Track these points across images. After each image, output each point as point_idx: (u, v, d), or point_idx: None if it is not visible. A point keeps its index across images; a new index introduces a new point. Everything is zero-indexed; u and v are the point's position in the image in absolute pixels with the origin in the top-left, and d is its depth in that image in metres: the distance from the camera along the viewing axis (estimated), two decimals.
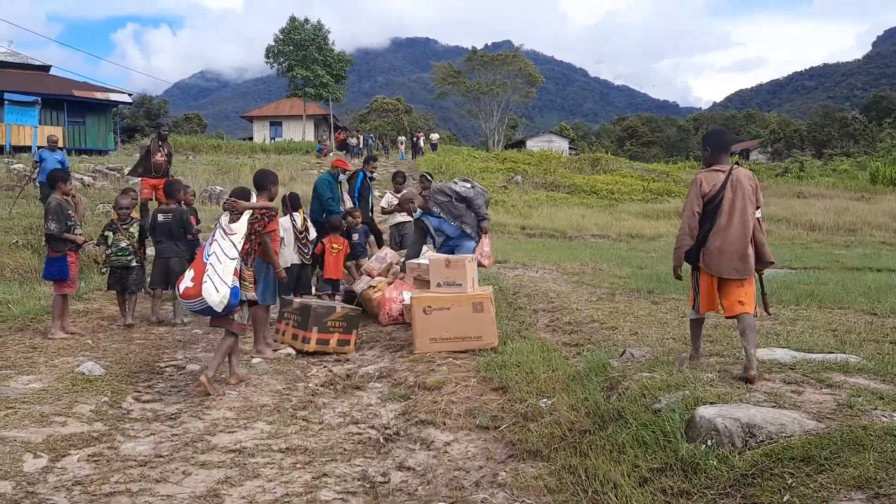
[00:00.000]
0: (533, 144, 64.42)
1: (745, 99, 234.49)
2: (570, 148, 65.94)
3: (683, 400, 4.22)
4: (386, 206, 10.24)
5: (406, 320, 7.63)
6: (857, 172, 41.92)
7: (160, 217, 8.03)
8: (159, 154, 10.88)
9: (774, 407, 4.05)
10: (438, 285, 6.50)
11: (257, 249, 5.70)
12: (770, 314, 5.83)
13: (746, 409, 3.98)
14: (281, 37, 51.28)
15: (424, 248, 8.30)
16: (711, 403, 4.09)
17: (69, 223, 7.21)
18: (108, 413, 4.95)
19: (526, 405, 4.97)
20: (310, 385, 5.88)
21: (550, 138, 70.44)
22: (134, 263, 7.85)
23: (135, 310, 7.90)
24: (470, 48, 76.91)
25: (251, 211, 5.59)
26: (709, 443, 3.76)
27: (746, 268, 4.83)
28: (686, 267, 5.10)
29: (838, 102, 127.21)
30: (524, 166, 36.50)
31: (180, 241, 8.04)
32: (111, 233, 7.86)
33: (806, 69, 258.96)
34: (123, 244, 7.84)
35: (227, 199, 5.71)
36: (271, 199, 6.01)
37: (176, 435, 4.61)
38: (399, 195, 10.23)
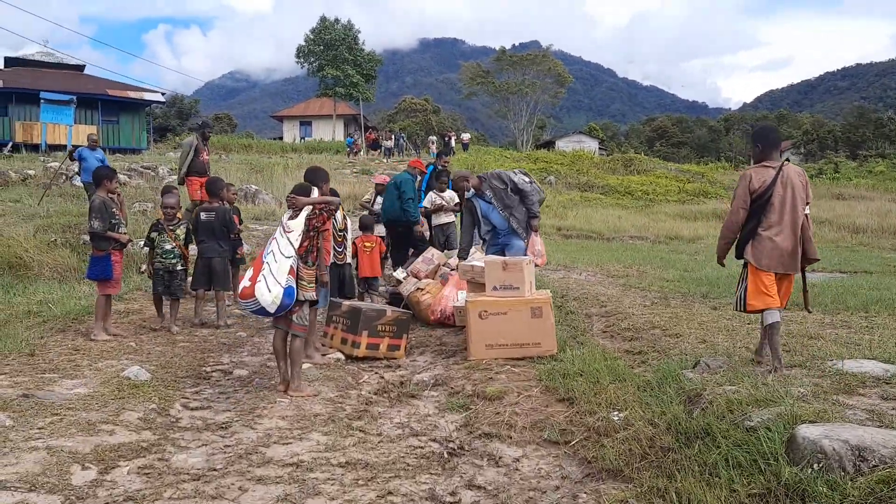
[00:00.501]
0: (562, 145, 63.77)
1: (776, 99, 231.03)
2: (599, 148, 65.21)
3: (779, 417, 3.86)
4: (429, 206, 9.96)
5: (457, 322, 7.34)
6: (894, 174, 40.83)
7: (203, 216, 7.83)
8: (205, 153, 10.69)
9: (881, 427, 3.68)
10: (494, 288, 6.20)
11: (316, 247, 5.42)
12: (810, 311, 5.89)
13: (853, 429, 3.61)
14: (311, 37, 51.30)
15: (473, 248, 8.01)
16: (812, 422, 3.74)
17: (113, 221, 7.04)
18: (156, 421, 4.71)
19: (596, 418, 4.65)
20: (363, 393, 5.61)
21: (580, 139, 69.72)
22: (179, 267, 7.58)
23: (177, 314, 7.65)
24: (497, 49, 76.43)
25: (311, 207, 5.33)
26: (815, 467, 3.40)
27: (794, 264, 4.92)
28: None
29: (871, 103, 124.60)
30: (557, 166, 36.08)
31: (223, 241, 7.85)
32: (156, 234, 7.61)
33: (838, 69, 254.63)
34: (168, 246, 7.56)
35: (288, 196, 5.48)
36: None
37: (229, 446, 4.35)
38: (445, 195, 10.00)
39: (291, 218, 5.30)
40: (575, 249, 16.75)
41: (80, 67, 37.95)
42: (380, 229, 9.70)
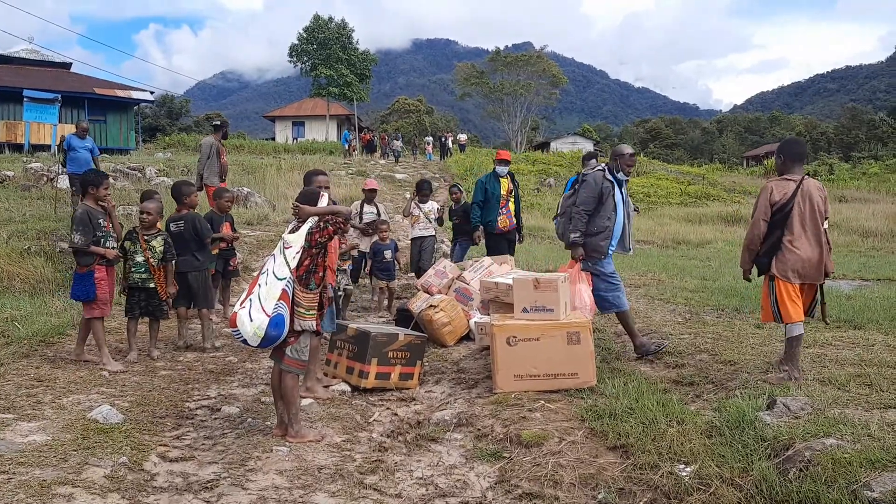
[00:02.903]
0: (557, 146, 63.12)
1: (767, 101, 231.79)
2: (594, 149, 64.56)
3: None
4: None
5: (477, 342, 6.52)
6: (888, 175, 40.28)
7: (172, 227, 6.87)
8: (224, 154, 9.78)
9: None
10: (524, 310, 5.37)
11: (321, 266, 4.49)
12: (828, 323, 5.87)
13: None
14: (305, 35, 50.40)
15: (473, 262, 7.26)
16: None
17: (98, 234, 6.07)
18: (126, 479, 3.84)
19: (660, 474, 3.83)
20: (374, 436, 4.77)
21: (575, 140, 69.14)
22: (151, 285, 6.48)
23: (157, 337, 6.72)
24: (490, 49, 75.86)
25: (315, 218, 4.48)
26: None
27: (819, 274, 4.97)
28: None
29: (861, 105, 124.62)
30: (555, 168, 35.28)
31: (199, 252, 6.88)
32: (129, 243, 6.54)
33: (828, 71, 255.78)
34: (139, 258, 6.46)
35: (293, 205, 4.59)
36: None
37: None
38: (424, 206, 9.34)
39: (292, 231, 4.43)
40: None
41: (67, 65, 36.88)
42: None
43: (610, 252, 6.24)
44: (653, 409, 4.60)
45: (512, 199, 9.42)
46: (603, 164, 6.43)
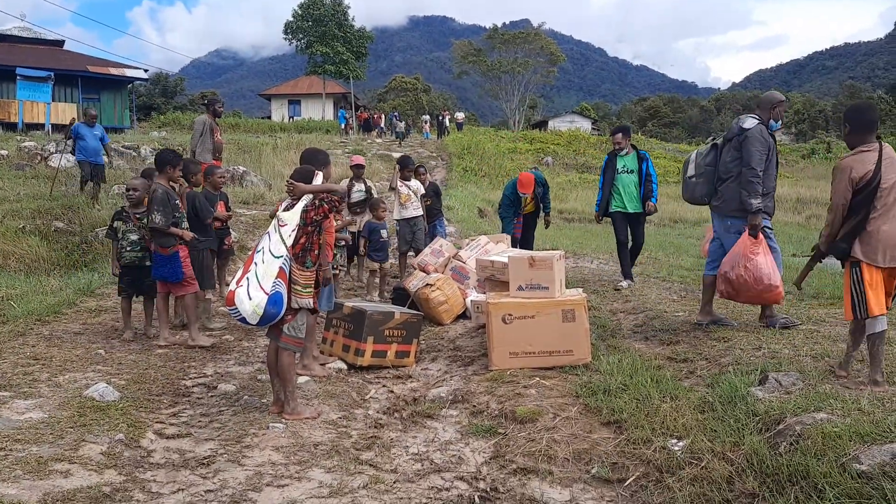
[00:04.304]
0: (555, 125, 62.87)
1: (765, 79, 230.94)
2: (592, 129, 64.33)
3: None
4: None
5: (473, 320, 6.55)
6: None
7: None
8: (219, 132, 9.69)
9: None
10: (520, 288, 5.38)
11: (317, 244, 4.48)
12: (800, 289, 5.63)
13: None
14: (300, 12, 49.89)
15: (470, 241, 7.23)
16: None
17: (177, 215, 6.19)
18: (123, 456, 3.87)
19: (653, 449, 3.87)
20: (370, 413, 4.80)
21: (573, 119, 68.86)
22: (148, 263, 6.46)
23: (154, 316, 6.72)
24: (488, 27, 75.27)
25: (310, 196, 4.45)
26: None
27: None
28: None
29: (860, 82, 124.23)
30: (553, 147, 35.20)
31: (197, 231, 6.86)
32: (121, 222, 6.51)
33: (826, 49, 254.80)
34: (134, 236, 6.44)
35: (287, 181, 4.58)
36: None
37: (210, 491, 3.54)
38: (411, 185, 9.14)
39: (287, 209, 4.42)
40: (580, 234, 15.98)
41: (60, 43, 36.55)
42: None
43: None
44: (646, 386, 4.63)
45: (532, 203, 9.66)
46: (756, 118, 5.86)
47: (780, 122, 5.81)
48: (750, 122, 5.82)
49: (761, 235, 5.53)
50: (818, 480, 3.16)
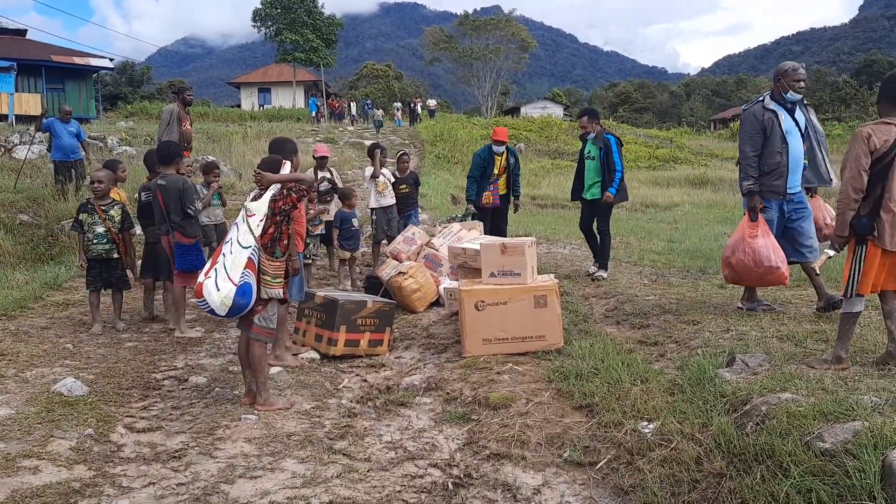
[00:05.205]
0: (527, 111, 62.98)
1: (734, 64, 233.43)
2: (564, 115, 64.55)
3: (860, 438, 3.16)
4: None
5: (446, 308, 6.56)
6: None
7: (143, 196, 6.77)
8: (188, 121, 9.48)
9: None
10: (492, 275, 5.40)
11: (286, 234, 4.45)
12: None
13: None
14: None
15: (442, 228, 7.21)
16: None
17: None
18: (93, 451, 3.83)
19: (624, 431, 3.92)
20: (343, 402, 4.80)
21: (545, 105, 69.10)
22: (115, 255, 6.43)
23: (122, 309, 6.66)
24: (459, 13, 75.01)
25: (278, 186, 4.41)
26: None
27: None
28: None
29: (825, 66, 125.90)
30: (526, 133, 35.24)
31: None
32: (86, 215, 6.41)
33: (793, 34, 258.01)
34: (100, 229, 6.36)
35: (254, 171, 4.53)
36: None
37: (182, 484, 3.52)
38: (385, 172, 9.05)
39: (255, 199, 4.38)
40: (553, 220, 16.04)
41: (22, 32, 35.73)
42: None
43: (793, 190, 5.63)
44: (618, 369, 4.68)
45: (504, 176, 9.34)
46: (769, 93, 5.73)
47: (792, 92, 5.57)
48: (755, 100, 5.80)
49: (761, 218, 5.53)
50: (783, 459, 3.22)
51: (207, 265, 4.31)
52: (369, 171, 9.01)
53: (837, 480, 2.98)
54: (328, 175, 8.93)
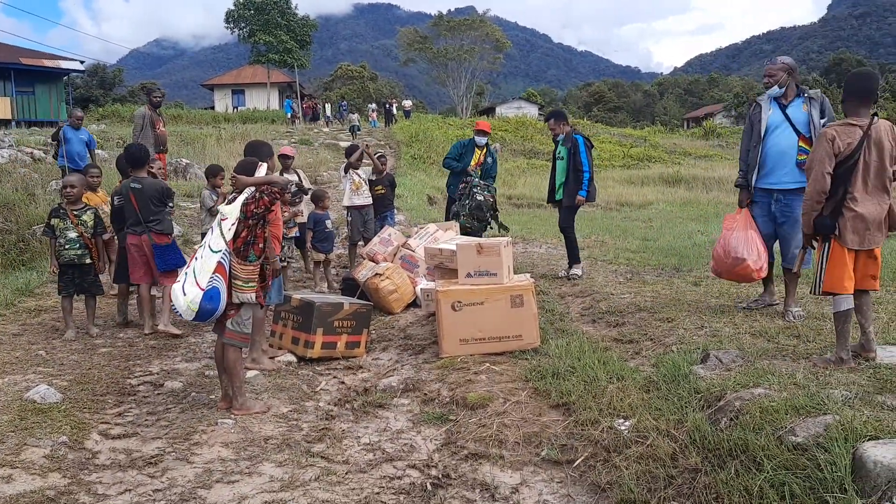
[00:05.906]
0: (503, 111, 63.21)
1: (706, 63, 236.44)
2: (539, 114, 64.87)
3: (831, 431, 3.22)
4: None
5: (423, 309, 6.57)
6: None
7: (117, 200, 6.69)
8: (161, 124, 9.32)
9: None
10: (468, 275, 5.42)
11: (260, 237, 4.42)
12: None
13: None
14: (241, 0, 48.85)
15: (418, 229, 7.21)
16: (874, 438, 3.12)
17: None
18: (67, 458, 3.79)
19: (600, 429, 3.96)
20: (321, 405, 4.78)
21: (520, 104, 69.37)
22: (88, 261, 6.34)
23: (95, 314, 6.58)
24: (433, 14, 75.09)
25: (252, 188, 4.38)
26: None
27: (879, 237, 4.28)
28: None
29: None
30: (501, 133, 35.35)
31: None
32: (58, 220, 6.32)
33: (763, 33, 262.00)
34: (72, 234, 6.28)
35: (231, 175, 4.50)
36: None
37: (159, 490, 3.49)
38: (358, 172, 9.00)
39: (229, 202, 4.35)
40: (529, 219, 16.11)
41: None
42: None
43: (777, 187, 5.51)
44: (594, 368, 4.72)
45: (479, 172, 9.29)
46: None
47: (778, 87, 5.50)
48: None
49: (745, 212, 5.60)
50: (757, 453, 3.27)
51: (184, 268, 4.28)
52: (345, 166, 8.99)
53: (809, 474, 3.03)
54: (294, 177, 8.86)
